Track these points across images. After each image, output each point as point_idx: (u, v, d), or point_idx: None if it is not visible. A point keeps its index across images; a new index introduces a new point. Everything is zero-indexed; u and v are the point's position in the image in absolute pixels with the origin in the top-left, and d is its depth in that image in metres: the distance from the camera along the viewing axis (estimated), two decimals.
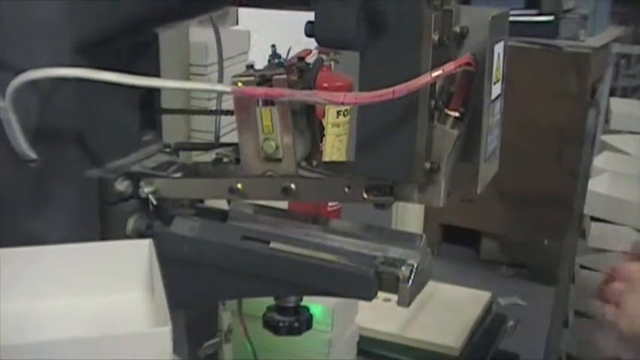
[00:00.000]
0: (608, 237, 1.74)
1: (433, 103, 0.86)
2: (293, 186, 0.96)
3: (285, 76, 0.93)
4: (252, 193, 0.99)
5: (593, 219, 1.81)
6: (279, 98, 0.90)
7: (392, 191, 0.92)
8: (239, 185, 0.98)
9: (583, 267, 1.77)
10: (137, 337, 0.73)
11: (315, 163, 1.03)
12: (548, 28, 3.44)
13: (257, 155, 0.98)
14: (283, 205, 1.11)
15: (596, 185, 2.32)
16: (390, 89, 0.80)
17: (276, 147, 0.96)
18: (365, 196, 0.93)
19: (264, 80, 0.94)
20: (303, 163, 1.01)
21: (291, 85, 0.94)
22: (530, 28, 3.39)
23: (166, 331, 0.72)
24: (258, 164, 0.98)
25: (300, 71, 0.98)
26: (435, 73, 0.81)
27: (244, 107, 0.96)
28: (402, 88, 0.80)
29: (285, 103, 0.93)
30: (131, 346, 0.72)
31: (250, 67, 0.98)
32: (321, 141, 1.04)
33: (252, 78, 0.94)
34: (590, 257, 1.76)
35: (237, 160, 1.01)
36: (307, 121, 1.02)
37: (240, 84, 0.93)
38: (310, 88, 0.97)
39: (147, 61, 1.09)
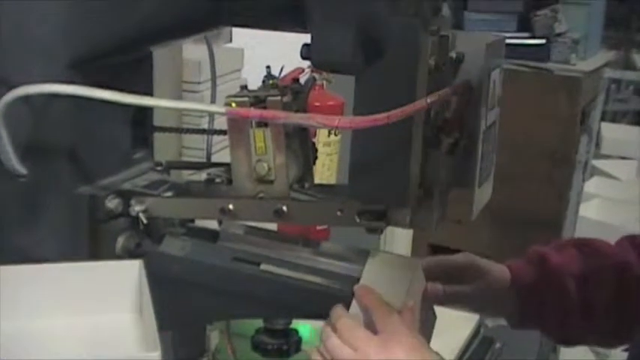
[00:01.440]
0: None
1: (428, 129, 0.85)
2: (285, 208, 0.96)
3: (279, 98, 0.93)
4: (244, 214, 0.98)
5: None
6: (274, 120, 0.89)
7: (384, 215, 0.91)
8: (230, 206, 0.98)
9: None
10: None
11: (307, 185, 1.03)
12: (540, 51, 3.45)
13: (249, 176, 0.97)
14: (273, 226, 1.10)
15: (587, 210, 2.33)
16: (385, 114, 0.80)
17: (269, 168, 0.96)
18: (357, 220, 0.92)
19: (258, 101, 0.94)
20: (296, 186, 1.00)
21: (284, 106, 0.94)
22: (522, 51, 3.39)
23: (156, 356, 0.72)
24: (250, 185, 0.97)
25: (294, 93, 0.97)
26: (430, 99, 0.81)
27: (237, 128, 0.95)
28: (396, 114, 0.80)
29: (279, 124, 0.93)
30: None
31: (244, 87, 0.97)
32: (314, 163, 1.03)
33: (246, 99, 0.93)
34: None
35: (230, 181, 1.00)
36: (300, 143, 1.01)
37: (234, 104, 0.93)
38: (305, 111, 0.96)
39: (140, 78, 1.09)
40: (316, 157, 1.03)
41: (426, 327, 1.04)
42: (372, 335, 0.88)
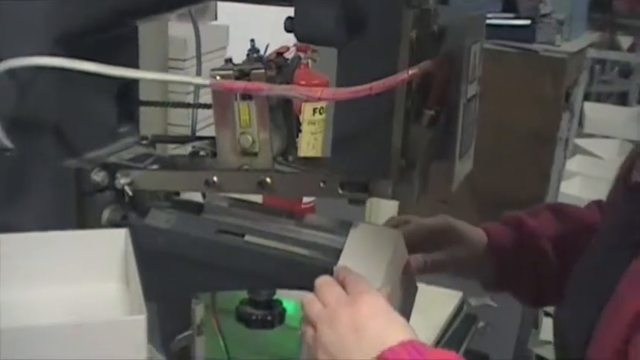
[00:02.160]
0: None
1: (410, 102, 0.86)
2: (269, 180, 0.97)
3: (263, 71, 0.94)
4: (228, 186, 1.00)
5: None
6: (257, 93, 0.90)
7: (366, 187, 0.93)
8: (215, 178, 0.99)
9: None
10: (113, 325, 0.74)
11: (290, 158, 1.04)
12: (525, 32, 3.47)
13: (234, 149, 0.98)
14: (258, 199, 1.12)
15: (568, 188, 2.36)
16: (368, 85, 0.81)
17: (253, 141, 0.97)
18: (340, 191, 0.94)
19: (243, 74, 0.95)
20: (279, 158, 1.01)
21: (269, 79, 0.95)
22: (507, 32, 3.41)
23: (142, 319, 0.73)
24: (234, 158, 0.98)
25: (278, 67, 0.98)
26: (412, 71, 0.82)
27: (222, 101, 0.96)
28: (379, 85, 0.81)
29: (263, 98, 0.94)
30: (107, 333, 0.72)
31: (229, 61, 0.98)
32: (298, 137, 1.05)
33: (230, 72, 0.94)
34: None
35: (214, 154, 1.01)
36: (284, 117, 1.02)
37: (218, 77, 0.94)
38: (288, 83, 0.97)
39: (126, 53, 1.10)
40: (300, 131, 1.04)
41: (407, 298, 1.06)
42: (344, 294, 0.89)
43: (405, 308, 1.03)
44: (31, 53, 0.93)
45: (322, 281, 0.92)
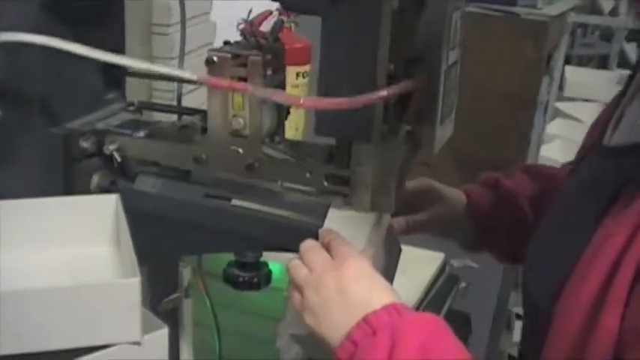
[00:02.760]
0: None
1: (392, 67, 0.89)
2: (257, 164, 0.99)
3: (260, 58, 0.95)
4: (217, 165, 1.01)
5: None
6: (242, 92, 0.92)
7: (349, 181, 0.95)
8: (204, 155, 1.00)
9: None
10: (108, 287, 0.76)
11: (277, 139, 1.05)
12: None
13: (225, 129, 0.99)
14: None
15: (548, 151, 2.38)
16: (347, 99, 0.84)
17: (244, 124, 0.98)
18: (325, 183, 0.96)
19: (239, 58, 0.96)
20: (267, 140, 1.03)
21: (265, 64, 0.96)
22: None
23: (136, 282, 0.75)
24: (224, 137, 0.99)
25: (273, 52, 0.99)
26: (390, 91, 0.85)
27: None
28: (358, 100, 0.84)
29: (259, 82, 0.95)
30: (102, 296, 0.74)
31: (227, 42, 0.99)
32: (286, 119, 1.06)
33: (228, 55, 0.95)
34: None
35: (204, 130, 1.03)
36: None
37: (215, 58, 0.95)
38: (283, 67, 0.99)
39: (112, 20, 1.11)
40: (288, 113, 1.05)
41: (391, 259, 1.08)
42: (329, 258, 0.92)
43: (389, 270, 1.05)
44: (16, 20, 0.94)
45: (307, 246, 0.94)
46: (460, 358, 0.82)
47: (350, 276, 0.88)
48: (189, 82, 0.95)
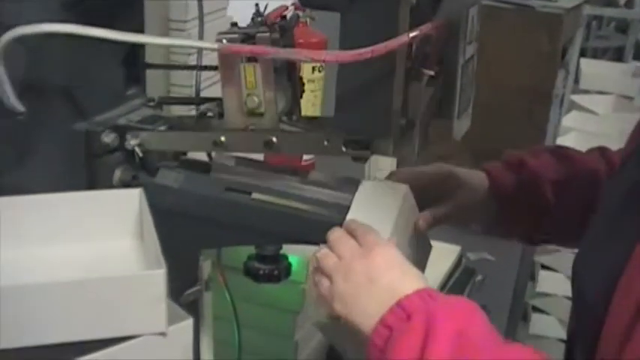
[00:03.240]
0: None
1: (409, 63, 0.89)
2: (274, 139, 1.00)
3: (268, 34, 0.97)
4: (235, 146, 1.03)
5: None
6: (264, 55, 0.93)
7: (368, 145, 0.96)
8: (222, 138, 1.02)
9: None
10: (133, 279, 0.77)
11: (294, 117, 1.07)
12: None
13: (240, 110, 1.01)
14: (260, 156, 1.14)
15: (564, 144, 2.38)
16: (369, 48, 0.84)
17: (259, 102, 1.00)
18: (343, 149, 0.97)
19: (248, 38, 0.97)
20: (284, 118, 1.04)
21: (273, 42, 0.97)
22: None
23: (161, 273, 0.76)
24: (241, 118, 1.01)
25: (281, 30, 1.01)
26: (412, 34, 0.85)
27: (228, 64, 0.99)
28: (380, 48, 0.84)
29: (268, 60, 0.96)
30: (127, 287, 0.75)
31: (234, 24, 1.01)
32: (301, 97, 1.07)
33: (236, 35, 0.97)
34: None
35: (221, 115, 1.04)
36: (288, 78, 1.05)
37: (224, 41, 0.96)
38: (292, 47, 1.00)
39: (132, 16, 1.12)
40: (303, 91, 1.07)
41: (421, 256, 1.09)
42: (357, 246, 0.92)
43: (419, 265, 1.05)
44: (39, 17, 0.95)
45: (335, 235, 0.95)
46: (496, 342, 0.82)
47: (380, 263, 0.90)
48: (210, 49, 0.95)
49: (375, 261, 0.90)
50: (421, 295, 0.86)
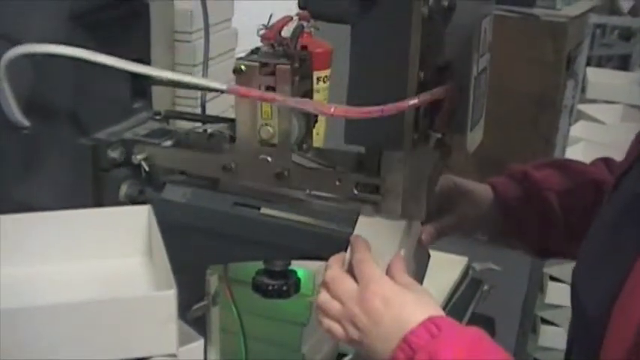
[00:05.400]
0: None
1: (422, 75, 0.88)
2: (286, 173, 0.98)
3: (288, 67, 0.95)
4: (246, 174, 1.01)
5: None
6: (271, 102, 0.92)
7: (378, 188, 0.95)
8: (233, 164, 1.00)
9: None
10: (144, 300, 0.76)
11: (305, 147, 1.05)
12: None
13: (253, 138, 0.99)
14: None
15: (572, 154, 2.37)
16: (379, 107, 0.84)
17: (274, 132, 0.98)
18: (355, 192, 0.96)
19: (267, 67, 0.96)
20: (295, 147, 1.02)
21: (293, 73, 0.96)
22: None
23: (171, 294, 0.75)
24: (253, 147, 0.99)
25: (301, 60, 0.99)
26: (419, 100, 0.85)
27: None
28: (390, 108, 0.84)
29: (287, 90, 0.95)
30: (138, 308, 0.74)
31: (255, 51, 0.99)
32: (314, 127, 1.06)
33: (256, 64, 0.96)
34: None
35: (232, 139, 1.03)
36: None
37: (243, 67, 0.95)
38: (310, 76, 0.99)
39: (138, 30, 1.11)
40: (316, 121, 1.05)
41: (420, 267, 1.08)
42: (354, 286, 0.91)
43: (418, 279, 1.05)
44: (46, 31, 0.95)
45: (331, 275, 0.94)
46: None
47: (377, 305, 0.88)
48: (218, 91, 0.95)
49: (374, 304, 0.89)
50: (427, 326, 0.85)
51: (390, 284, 0.91)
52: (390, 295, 0.90)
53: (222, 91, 0.94)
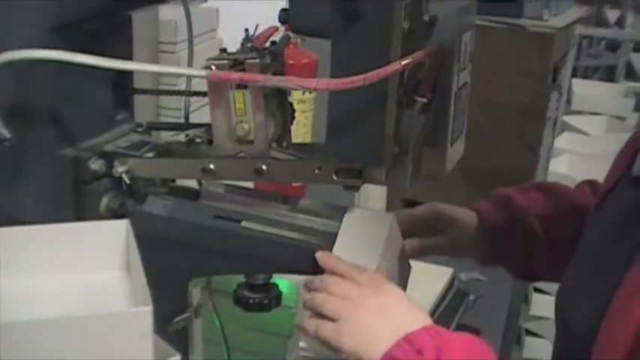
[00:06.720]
0: None
1: (402, 90, 0.88)
2: (265, 167, 0.99)
3: (257, 61, 0.95)
4: (225, 174, 1.01)
5: None
6: (253, 83, 0.91)
7: (360, 173, 0.95)
8: (211, 165, 1.00)
9: None
10: (119, 316, 0.75)
11: (285, 144, 1.05)
12: (513, 8, 3.47)
13: (229, 136, 0.99)
14: (249, 184, 1.13)
15: (557, 165, 2.38)
16: (361, 76, 0.83)
17: (249, 129, 0.98)
18: (334, 177, 0.95)
19: (237, 64, 0.96)
20: (274, 145, 1.03)
21: (263, 68, 0.96)
22: (495, 7, 3.41)
23: (147, 310, 0.74)
24: (230, 145, 1.00)
25: (272, 55, 1.00)
26: (404, 61, 0.84)
27: (218, 90, 0.98)
28: (372, 75, 0.82)
29: (258, 86, 0.95)
30: (113, 325, 0.74)
31: (223, 50, 0.99)
32: (292, 123, 1.06)
33: (225, 62, 0.95)
34: None
35: (210, 141, 1.03)
36: (278, 104, 1.04)
37: (213, 67, 0.95)
38: (282, 72, 0.99)
39: (121, 42, 1.11)
40: (294, 117, 1.05)
41: (401, 279, 1.08)
42: (361, 286, 0.93)
43: (401, 287, 1.05)
44: (27, 43, 0.94)
45: (332, 279, 0.95)
46: None
47: (390, 300, 0.92)
48: (199, 77, 0.95)
49: (387, 298, 0.92)
50: (428, 331, 0.88)
51: (400, 291, 0.94)
52: (402, 298, 0.93)
53: (202, 77, 0.93)
